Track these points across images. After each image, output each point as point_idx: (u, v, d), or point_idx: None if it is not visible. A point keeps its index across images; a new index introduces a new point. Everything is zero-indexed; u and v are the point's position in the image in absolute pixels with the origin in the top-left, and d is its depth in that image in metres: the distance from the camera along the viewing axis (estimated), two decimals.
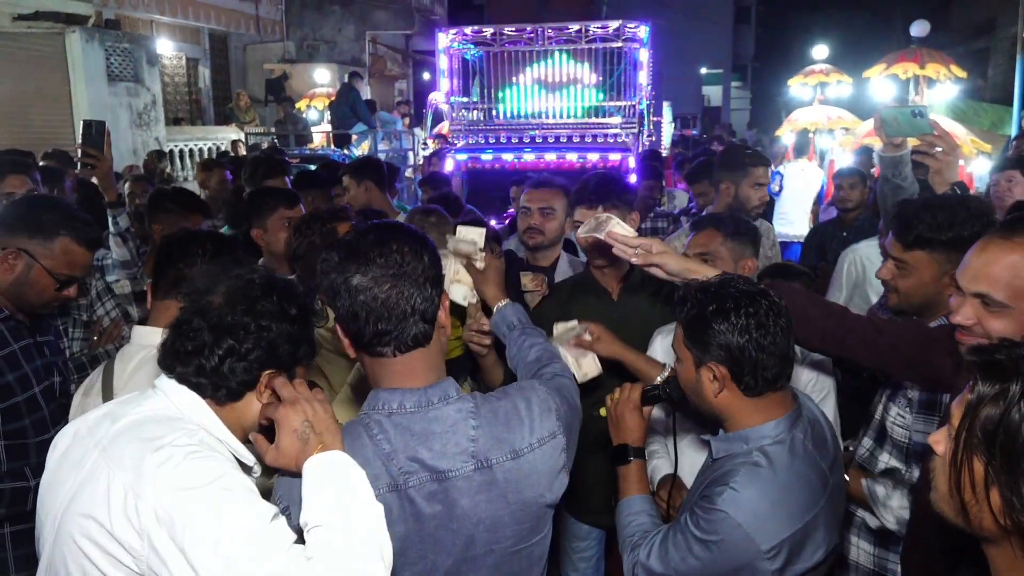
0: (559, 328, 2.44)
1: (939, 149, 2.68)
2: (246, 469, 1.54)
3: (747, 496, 1.64)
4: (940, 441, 1.18)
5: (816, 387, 2.52)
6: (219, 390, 1.50)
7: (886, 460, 2.25)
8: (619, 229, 2.18)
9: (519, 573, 1.61)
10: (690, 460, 2.36)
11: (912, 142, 2.79)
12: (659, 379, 2.09)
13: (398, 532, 1.45)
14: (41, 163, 4.95)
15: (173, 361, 1.51)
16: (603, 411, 2.07)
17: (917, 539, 1.88)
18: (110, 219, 3.56)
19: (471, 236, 2.26)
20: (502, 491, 1.52)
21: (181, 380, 1.51)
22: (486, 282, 2.22)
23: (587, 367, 2.35)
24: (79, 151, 3.54)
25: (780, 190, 8.48)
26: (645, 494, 1.96)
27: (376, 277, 1.47)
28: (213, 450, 1.44)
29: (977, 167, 7.85)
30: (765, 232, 3.99)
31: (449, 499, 1.49)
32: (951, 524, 1.16)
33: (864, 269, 3.98)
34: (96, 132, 3.51)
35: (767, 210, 5.87)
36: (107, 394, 2.01)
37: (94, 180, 3.94)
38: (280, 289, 1.56)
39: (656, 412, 2.23)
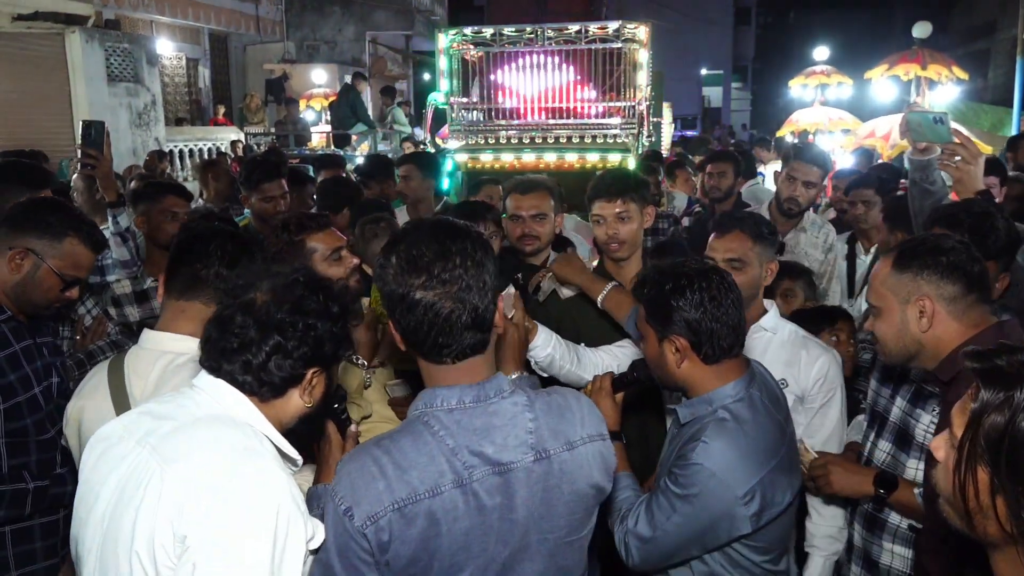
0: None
1: (958, 158, 2.66)
2: (290, 462, 1.57)
3: (717, 447, 1.79)
4: (940, 447, 1.16)
5: (823, 388, 2.51)
6: (263, 386, 1.51)
7: (916, 466, 2.20)
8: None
9: (570, 564, 1.63)
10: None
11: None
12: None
13: (463, 527, 1.47)
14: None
15: (218, 358, 1.51)
16: None
17: (928, 542, 1.87)
18: (110, 219, 3.57)
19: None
20: (558, 481, 1.55)
21: (226, 378, 1.52)
22: (502, 355, 2.09)
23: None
24: (78, 151, 3.54)
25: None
26: (627, 471, 2.09)
27: (439, 294, 1.46)
28: (262, 448, 1.47)
29: None
30: (824, 235, 4.03)
31: (510, 490, 1.51)
32: (956, 529, 1.15)
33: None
34: (96, 132, 3.50)
35: None
36: (119, 399, 1.96)
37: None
38: (324, 288, 1.59)
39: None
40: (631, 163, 6.08)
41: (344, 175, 5.52)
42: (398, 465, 1.45)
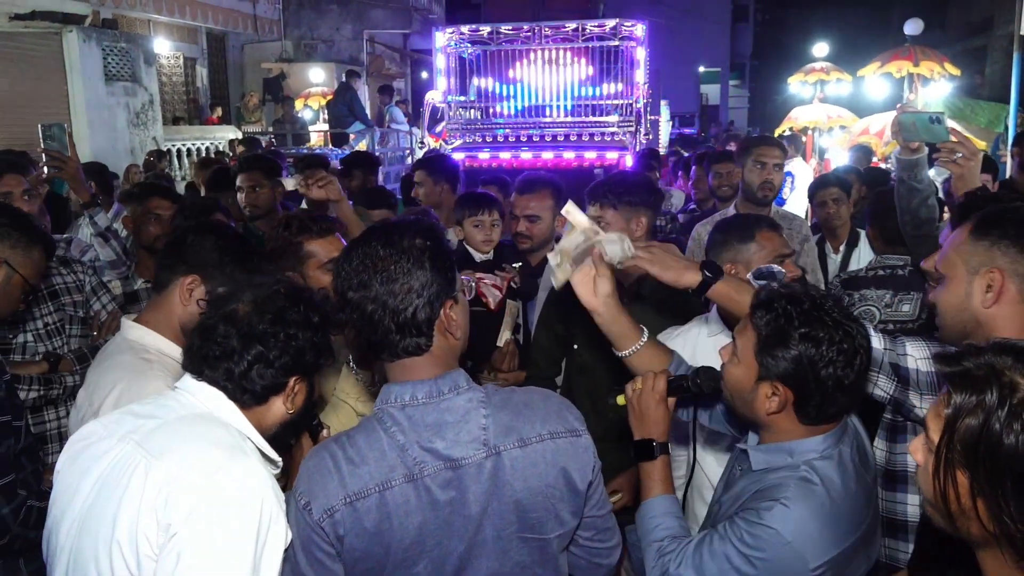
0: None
1: (959, 155, 2.70)
2: (270, 463, 1.61)
3: (798, 514, 1.57)
4: (919, 450, 1.17)
5: None
6: (245, 394, 1.56)
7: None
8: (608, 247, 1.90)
9: (528, 561, 1.61)
10: (709, 465, 2.37)
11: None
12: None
13: (415, 521, 1.50)
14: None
15: (201, 365, 1.57)
16: (620, 399, 1.92)
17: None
18: (87, 220, 3.49)
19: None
20: (510, 478, 1.55)
21: (208, 382, 1.57)
22: None
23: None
24: (43, 155, 3.47)
25: (792, 190, 8.38)
26: (671, 493, 1.86)
27: (362, 296, 1.52)
28: (246, 446, 1.52)
29: None
30: (798, 228, 3.96)
31: (462, 486, 1.53)
32: (939, 528, 1.16)
33: None
34: (56, 134, 3.43)
35: None
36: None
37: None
38: (305, 299, 1.64)
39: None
40: (628, 161, 6.10)
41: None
42: (351, 460, 1.50)
